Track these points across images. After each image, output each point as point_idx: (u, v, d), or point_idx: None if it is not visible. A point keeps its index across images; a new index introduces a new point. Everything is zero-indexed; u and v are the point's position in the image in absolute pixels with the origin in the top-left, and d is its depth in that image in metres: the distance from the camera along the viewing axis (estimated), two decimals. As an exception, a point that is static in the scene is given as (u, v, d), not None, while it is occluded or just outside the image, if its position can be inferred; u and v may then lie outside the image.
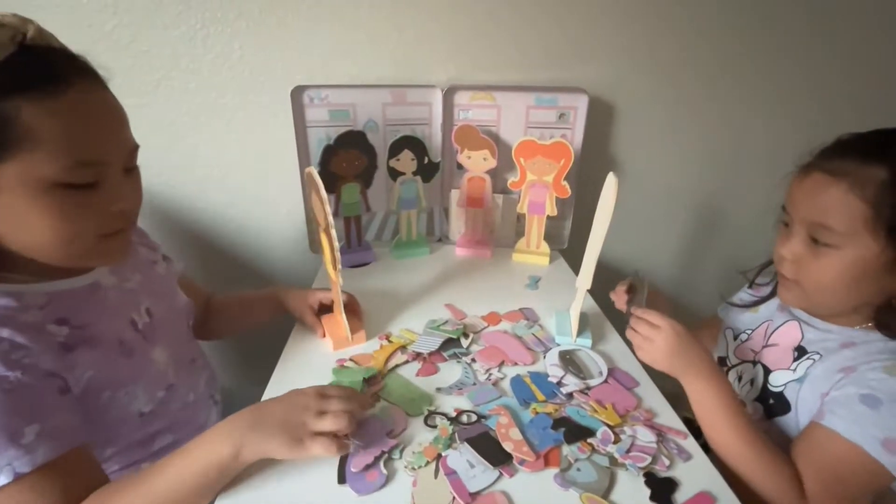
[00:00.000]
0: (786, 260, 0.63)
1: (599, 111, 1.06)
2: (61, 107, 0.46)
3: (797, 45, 1.06)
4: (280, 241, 1.12)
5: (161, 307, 0.67)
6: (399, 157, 0.97)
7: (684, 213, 1.22)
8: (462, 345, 0.75)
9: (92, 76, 0.51)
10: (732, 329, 0.79)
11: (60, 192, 0.48)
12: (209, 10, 0.89)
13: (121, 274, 0.63)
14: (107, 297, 0.59)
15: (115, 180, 0.52)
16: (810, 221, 0.60)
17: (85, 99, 0.49)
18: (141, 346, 0.61)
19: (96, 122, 0.50)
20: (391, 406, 0.63)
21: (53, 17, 0.84)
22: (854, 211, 0.56)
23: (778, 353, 0.69)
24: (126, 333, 0.59)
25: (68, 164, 0.47)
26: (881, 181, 0.54)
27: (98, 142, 0.50)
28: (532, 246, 1.04)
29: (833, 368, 0.61)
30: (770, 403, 0.67)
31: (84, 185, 0.49)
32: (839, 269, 0.58)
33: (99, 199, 0.50)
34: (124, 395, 0.57)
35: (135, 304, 0.63)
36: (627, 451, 0.56)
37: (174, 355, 0.66)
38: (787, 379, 0.65)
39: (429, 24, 0.96)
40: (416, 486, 0.52)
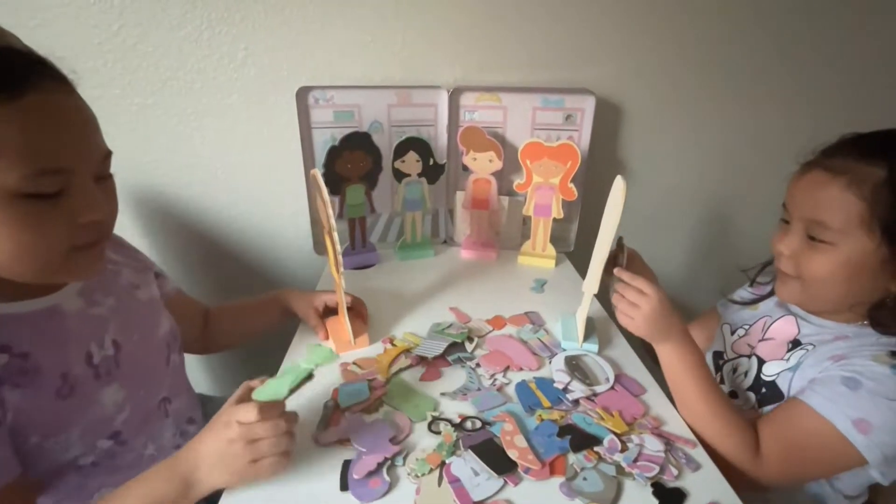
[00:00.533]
0: (783, 255, 0.65)
1: (607, 113, 1.05)
2: (19, 111, 0.43)
3: (806, 47, 1.04)
4: (284, 243, 1.11)
5: (132, 339, 0.61)
6: (404, 158, 0.96)
7: (692, 215, 1.20)
8: (466, 349, 0.75)
9: (55, 78, 0.47)
10: (730, 324, 0.80)
11: (23, 202, 0.44)
12: (215, 11, 0.89)
13: (90, 297, 0.59)
14: (62, 324, 0.55)
15: (83, 189, 0.48)
16: (808, 218, 0.61)
17: (45, 102, 0.45)
18: (86, 386, 0.55)
19: (58, 126, 0.46)
20: (394, 411, 0.63)
21: (60, 18, 0.85)
22: (850, 208, 0.57)
23: (773, 345, 0.70)
24: (74, 368, 0.54)
25: (29, 173, 0.43)
26: (878, 179, 0.55)
27: (61, 148, 0.46)
28: (538, 249, 1.03)
29: (824, 356, 0.62)
30: (763, 392, 0.67)
31: (48, 195, 0.45)
32: (835, 265, 0.59)
33: (65, 209, 0.47)
34: (54, 444, 0.52)
35: (97, 334, 0.58)
36: (635, 461, 0.55)
37: (135, 396, 0.60)
38: (780, 368, 0.66)
39: (435, 25, 0.96)
40: (420, 494, 0.51)
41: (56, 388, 0.52)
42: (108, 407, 0.56)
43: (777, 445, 0.58)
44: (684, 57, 1.03)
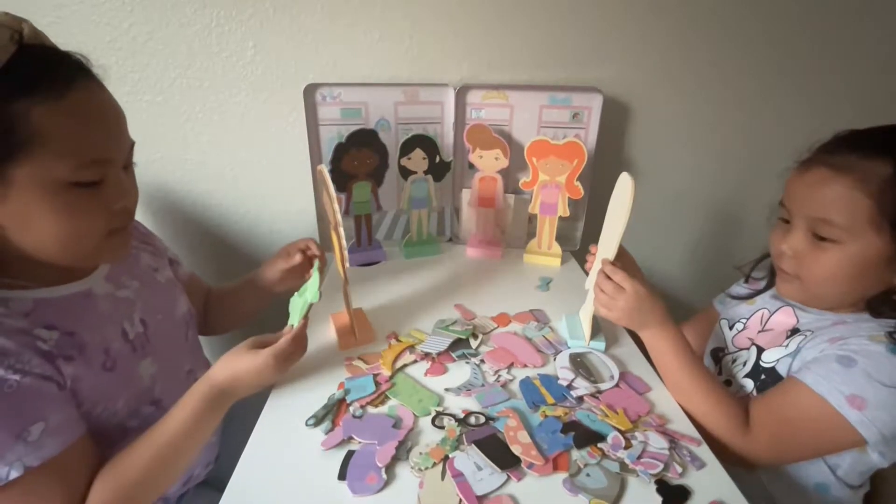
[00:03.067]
0: (786, 255, 0.64)
1: (614, 111, 1.04)
2: (67, 107, 0.47)
3: (816, 46, 1.03)
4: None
5: (156, 318, 0.66)
6: (410, 155, 0.97)
7: (698, 214, 1.19)
8: (471, 346, 0.75)
9: (92, 76, 0.51)
10: (728, 320, 0.79)
11: (69, 191, 0.48)
12: (224, 9, 0.90)
13: (116, 281, 0.63)
14: (97, 306, 0.58)
15: (117, 178, 0.52)
16: (812, 216, 0.60)
17: (88, 98, 0.49)
18: (126, 359, 0.59)
19: (100, 120, 0.50)
20: (399, 405, 0.63)
21: (73, 15, 0.87)
22: (858, 206, 0.56)
23: (772, 335, 0.70)
24: (114, 343, 0.58)
25: (77, 164, 0.48)
26: (886, 176, 0.55)
27: (103, 140, 0.50)
28: (544, 247, 1.03)
29: (823, 339, 0.62)
30: (762, 379, 0.67)
31: (90, 184, 0.50)
32: (841, 263, 0.59)
33: (103, 196, 0.51)
34: (102, 410, 0.56)
35: (127, 314, 0.62)
36: (639, 458, 0.55)
37: (166, 368, 0.65)
38: (779, 355, 0.66)
39: (442, 23, 0.96)
40: (423, 488, 0.52)
41: (101, 361, 0.56)
42: (145, 379, 0.62)
43: (768, 420, 0.59)
44: (692, 55, 1.02)
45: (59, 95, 0.46)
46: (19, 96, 0.44)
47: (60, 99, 0.46)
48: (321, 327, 0.79)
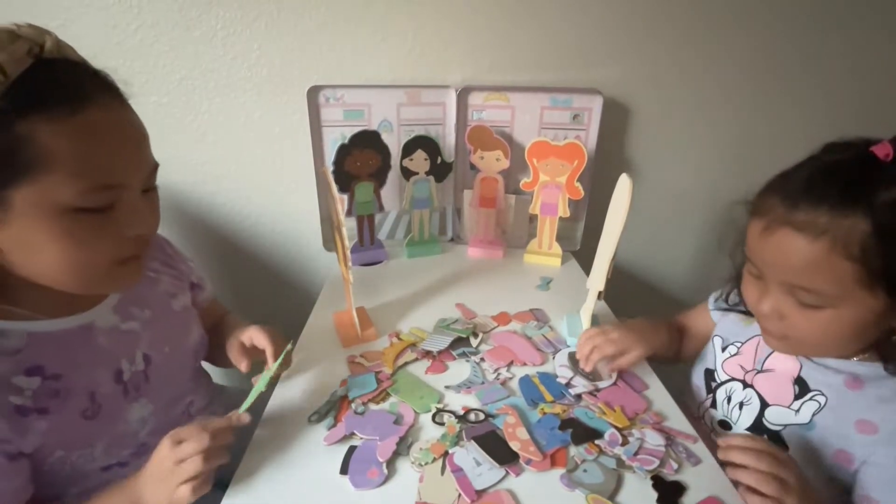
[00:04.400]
0: (769, 318, 0.57)
1: (614, 113, 1.05)
2: (79, 127, 0.43)
3: (816, 49, 1.04)
4: (294, 239, 1.13)
5: (163, 350, 0.62)
6: (412, 156, 0.98)
7: (699, 216, 1.20)
8: (471, 344, 0.76)
9: (112, 93, 0.48)
10: (721, 338, 0.72)
11: (75, 216, 0.45)
12: (229, 11, 0.91)
13: (124, 312, 0.59)
14: (96, 341, 0.55)
15: (131, 203, 0.48)
16: (790, 284, 0.53)
17: (104, 118, 0.45)
18: (113, 404, 0.56)
19: (115, 143, 0.46)
20: (400, 402, 0.64)
21: (80, 18, 0.88)
22: (842, 272, 0.49)
23: (775, 383, 0.62)
24: (102, 388, 0.55)
25: (85, 188, 0.44)
26: (865, 233, 0.47)
27: (116, 164, 0.46)
28: (544, 247, 1.04)
29: (847, 421, 0.55)
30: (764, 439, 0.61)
31: (100, 209, 0.46)
32: (836, 326, 0.52)
33: (114, 223, 0.47)
34: (78, 458, 0.53)
35: (129, 350, 0.58)
36: (635, 454, 0.56)
37: (162, 407, 0.61)
38: (788, 420, 0.60)
39: (444, 25, 0.97)
40: (423, 482, 0.53)
41: (83, 409, 0.53)
42: (133, 424, 0.58)
43: None
44: (692, 57, 1.03)
45: (70, 114, 0.42)
46: (26, 114, 0.41)
47: (70, 118, 0.42)
48: (324, 325, 0.81)
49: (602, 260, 0.73)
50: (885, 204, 0.47)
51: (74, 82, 0.45)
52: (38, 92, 0.42)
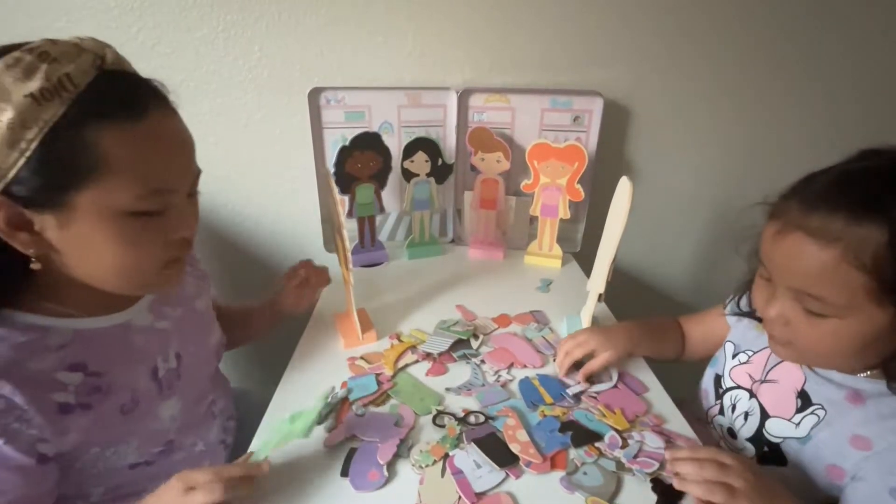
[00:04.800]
0: (775, 323, 0.55)
1: (615, 115, 1.05)
2: (139, 134, 0.46)
3: (818, 50, 1.04)
4: (295, 240, 1.14)
5: (190, 350, 0.64)
6: (413, 158, 0.98)
7: (700, 218, 1.20)
8: (472, 346, 0.76)
9: (166, 102, 0.50)
10: (734, 344, 0.71)
11: (130, 219, 0.47)
12: (230, 13, 0.91)
13: (158, 311, 0.61)
14: (132, 341, 0.57)
15: (179, 207, 0.51)
16: (798, 289, 0.51)
17: (160, 126, 0.48)
18: (149, 401, 0.57)
19: (169, 149, 0.50)
20: (400, 404, 0.64)
21: (82, 20, 0.88)
22: (852, 282, 0.47)
23: (778, 394, 0.62)
24: (141, 383, 0.56)
25: (141, 193, 0.47)
26: (879, 244, 0.45)
27: (170, 170, 0.50)
28: (544, 249, 1.04)
29: (843, 437, 0.54)
30: (764, 451, 0.62)
31: (152, 213, 0.48)
32: (841, 338, 0.50)
33: (164, 226, 0.50)
34: (112, 454, 0.54)
35: (163, 348, 0.60)
36: (635, 457, 0.56)
37: (189, 406, 0.63)
38: (787, 433, 0.59)
39: (445, 27, 0.97)
40: (423, 485, 0.53)
41: (121, 404, 0.54)
42: (164, 421, 0.59)
43: None
44: (693, 59, 1.03)
45: (132, 122, 0.45)
46: (93, 121, 0.43)
47: (133, 126, 0.45)
48: (325, 327, 0.81)
49: (602, 262, 0.73)
50: None
51: (135, 92, 0.47)
52: (103, 101, 0.44)
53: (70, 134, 0.43)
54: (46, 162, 0.43)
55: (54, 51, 0.43)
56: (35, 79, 0.41)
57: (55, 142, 0.43)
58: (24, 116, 0.41)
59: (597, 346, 0.69)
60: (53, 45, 0.43)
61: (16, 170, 0.43)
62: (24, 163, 0.42)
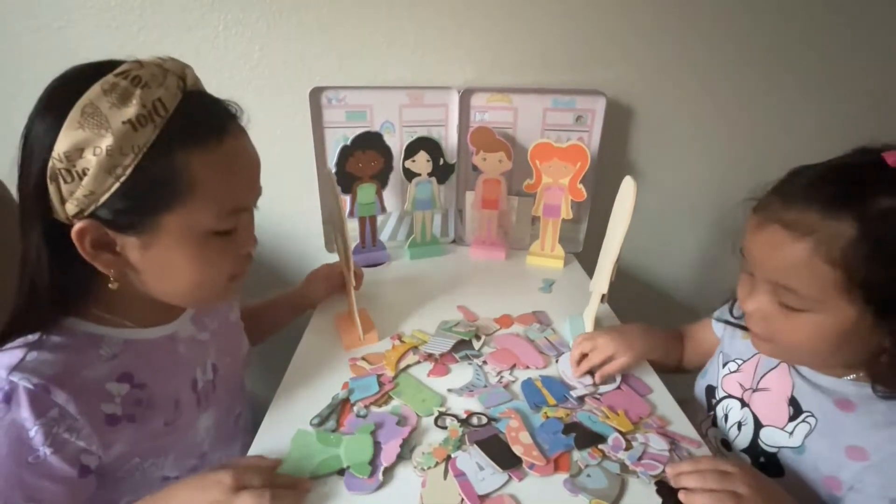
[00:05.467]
0: (754, 317, 0.56)
1: (617, 114, 1.05)
2: (221, 156, 0.47)
3: (823, 49, 1.03)
4: (296, 240, 1.13)
5: (225, 361, 0.65)
6: (415, 158, 0.97)
7: (703, 218, 1.19)
8: (474, 347, 0.75)
9: (240, 124, 0.51)
10: (724, 354, 0.71)
11: (209, 238, 0.49)
12: (231, 13, 0.91)
13: (199, 322, 0.62)
14: (177, 351, 0.58)
15: (247, 224, 0.53)
16: (774, 281, 0.52)
17: (237, 147, 0.49)
18: (189, 413, 0.58)
19: (245, 170, 0.51)
20: (402, 405, 0.64)
21: (83, 19, 0.88)
22: (822, 275, 0.47)
23: (770, 403, 0.61)
24: (182, 394, 0.57)
25: (221, 213, 0.48)
26: (849, 239, 0.46)
27: (246, 189, 0.52)
28: (547, 249, 1.04)
29: (837, 446, 0.54)
30: (760, 462, 0.61)
31: (228, 231, 0.50)
32: (814, 332, 0.51)
33: (234, 243, 0.52)
34: (150, 466, 0.55)
35: (202, 359, 0.61)
36: (639, 459, 0.56)
37: (221, 417, 0.64)
38: (782, 443, 0.59)
39: (447, 26, 0.97)
40: (425, 487, 0.52)
41: (165, 417, 0.54)
42: (200, 432, 0.60)
43: None
44: (696, 58, 1.02)
45: (216, 144, 0.46)
46: (182, 146, 0.44)
47: (216, 149, 0.46)
48: (326, 328, 0.80)
49: (605, 262, 0.73)
50: (878, 212, 0.45)
51: (217, 114, 0.48)
52: (190, 125, 0.45)
53: (161, 158, 0.44)
54: (137, 186, 0.44)
55: (144, 75, 0.43)
56: (131, 105, 0.42)
57: (148, 167, 0.43)
58: (121, 143, 0.42)
59: (615, 350, 0.68)
60: (142, 69, 0.44)
61: (109, 194, 0.43)
62: (118, 187, 0.43)
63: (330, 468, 0.54)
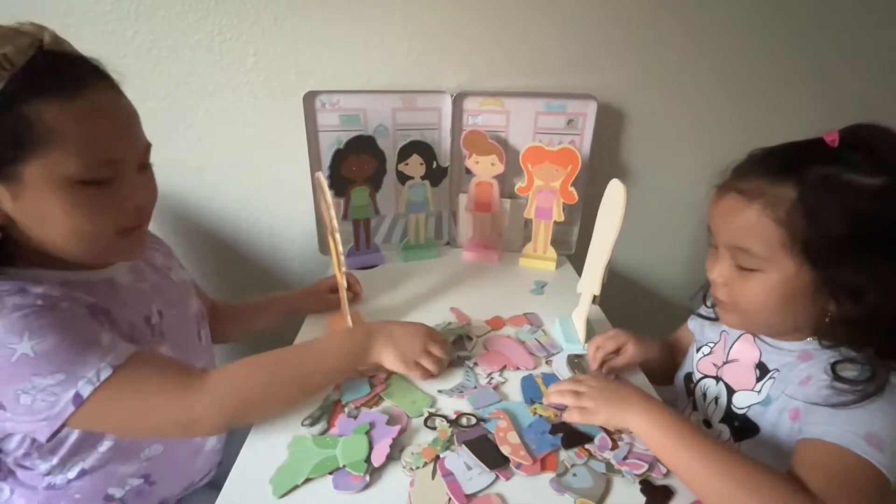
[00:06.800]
0: (717, 284, 0.62)
1: (608, 118, 1.06)
2: (80, 107, 0.48)
3: (812, 52, 1.04)
4: (290, 242, 1.14)
5: (172, 312, 0.67)
6: (408, 161, 0.98)
7: (693, 220, 1.20)
8: (466, 348, 0.76)
9: (106, 79, 0.53)
10: (697, 342, 0.75)
11: (81, 189, 0.50)
12: (226, 17, 0.92)
13: (137, 273, 0.64)
14: (121, 293, 0.60)
15: (130, 178, 0.54)
16: (732, 245, 0.58)
17: (101, 100, 0.51)
18: (147, 342, 0.61)
19: (112, 121, 0.52)
20: (393, 406, 0.64)
21: (78, 23, 0.89)
22: (769, 234, 0.54)
23: (739, 371, 0.65)
24: (138, 325, 0.60)
25: (88, 162, 0.49)
26: (791, 200, 0.52)
27: (114, 140, 0.52)
28: (539, 251, 1.05)
29: (793, 381, 0.58)
30: (735, 426, 0.64)
31: (102, 182, 0.51)
32: (766, 291, 0.56)
33: (115, 195, 0.52)
34: None
35: (147, 304, 0.63)
36: (624, 458, 0.56)
37: (182, 359, 0.65)
38: (750, 401, 0.63)
39: (440, 31, 0.98)
40: (414, 487, 0.53)
41: (128, 337, 0.57)
42: None
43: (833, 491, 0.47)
44: (686, 62, 1.04)
45: (72, 96, 0.48)
46: (34, 97, 0.46)
47: (73, 99, 0.48)
48: (319, 330, 0.81)
49: (593, 263, 0.74)
50: (814, 178, 0.52)
51: (73, 69, 0.50)
52: (41, 78, 0.47)
53: (9, 110, 0.46)
54: None
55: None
56: None
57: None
58: None
59: (626, 340, 0.72)
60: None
61: None
62: None
63: (326, 469, 0.55)
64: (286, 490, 0.52)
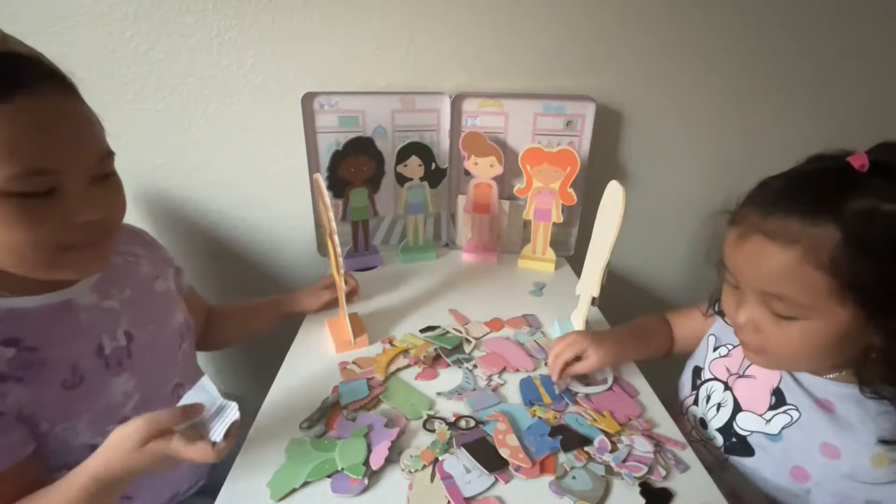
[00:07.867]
0: (746, 329, 0.56)
1: (607, 119, 1.06)
2: (7, 113, 0.44)
3: (811, 52, 1.04)
4: (289, 244, 1.14)
5: (146, 328, 0.64)
6: (407, 162, 0.98)
7: (692, 222, 1.20)
8: (464, 350, 0.76)
9: (50, 80, 0.48)
10: (716, 337, 0.72)
11: (11, 201, 0.45)
12: (224, 19, 0.92)
13: (104, 291, 0.60)
14: (76, 318, 0.57)
15: (76, 190, 0.48)
16: (764, 292, 0.52)
17: (37, 105, 0.46)
18: (96, 377, 0.57)
19: (48, 128, 0.46)
20: (391, 409, 0.64)
21: (76, 26, 0.89)
22: (813, 282, 0.48)
23: (753, 390, 0.63)
24: (84, 360, 0.56)
25: (16, 173, 0.44)
26: (834, 243, 0.46)
27: (50, 149, 0.46)
28: (538, 252, 1.04)
29: (813, 443, 0.56)
30: (731, 441, 0.63)
31: (37, 194, 0.46)
32: (809, 338, 0.51)
33: (57, 209, 0.47)
34: (62, 430, 0.54)
35: (109, 327, 0.60)
36: (624, 461, 0.56)
37: (148, 384, 0.62)
38: (756, 427, 0.61)
39: (439, 33, 0.97)
40: (412, 489, 0.53)
41: (63, 380, 0.54)
42: (116, 396, 0.59)
43: None
44: (684, 63, 1.03)
45: (1, 103, 0.43)
46: None
47: (2, 106, 0.43)
48: (317, 332, 0.81)
49: (592, 265, 0.74)
50: (856, 214, 0.46)
51: (4, 71, 0.45)
52: None
53: None
54: None
55: None
56: None
57: None
58: None
59: (586, 346, 0.68)
60: None
61: None
62: None
63: (324, 472, 0.54)
64: (284, 493, 0.52)
